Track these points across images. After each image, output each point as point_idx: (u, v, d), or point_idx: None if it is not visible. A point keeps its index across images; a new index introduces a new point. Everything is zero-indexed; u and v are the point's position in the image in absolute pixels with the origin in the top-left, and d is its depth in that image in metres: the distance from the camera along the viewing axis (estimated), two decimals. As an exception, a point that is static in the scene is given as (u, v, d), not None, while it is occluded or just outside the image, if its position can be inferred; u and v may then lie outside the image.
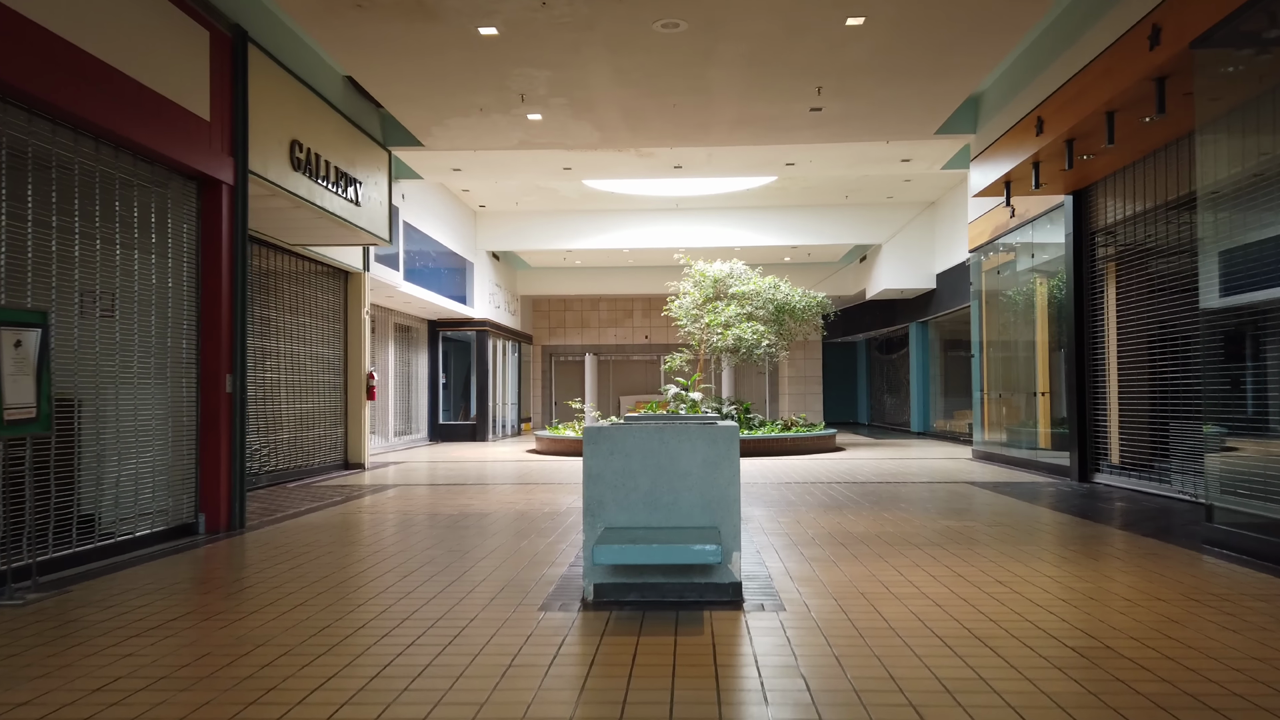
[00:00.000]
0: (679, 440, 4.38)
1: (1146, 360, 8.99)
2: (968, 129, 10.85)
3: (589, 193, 18.49)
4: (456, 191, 18.39)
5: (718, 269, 17.22)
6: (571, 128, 10.15)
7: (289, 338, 11.10)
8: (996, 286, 13.54)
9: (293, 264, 11.11)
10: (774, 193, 18.53)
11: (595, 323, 28.93)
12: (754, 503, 8.36)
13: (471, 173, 13.82)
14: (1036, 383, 12.48)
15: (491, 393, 21.29)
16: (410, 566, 5.40)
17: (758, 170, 13.83)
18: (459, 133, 10.35)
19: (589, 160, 13.07)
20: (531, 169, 13.55)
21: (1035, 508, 7.91)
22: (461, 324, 20.40)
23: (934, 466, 12.46)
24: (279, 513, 7.99)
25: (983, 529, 6.63)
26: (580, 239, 20.43)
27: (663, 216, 20.27)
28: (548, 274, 24.49)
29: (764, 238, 20.21)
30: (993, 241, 13.06)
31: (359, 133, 10.00)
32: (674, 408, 16.29)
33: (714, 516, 4.35)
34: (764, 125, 10.28)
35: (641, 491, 4.38)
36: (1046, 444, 11.97)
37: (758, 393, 28.74)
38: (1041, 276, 11.90)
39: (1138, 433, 9.24)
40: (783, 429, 16.06)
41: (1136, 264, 9.18)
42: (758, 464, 12.92)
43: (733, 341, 16.43)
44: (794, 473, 11.51)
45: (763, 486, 9.86)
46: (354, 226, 9.67)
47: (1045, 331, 12.04)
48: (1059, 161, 8.84)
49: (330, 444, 12.33)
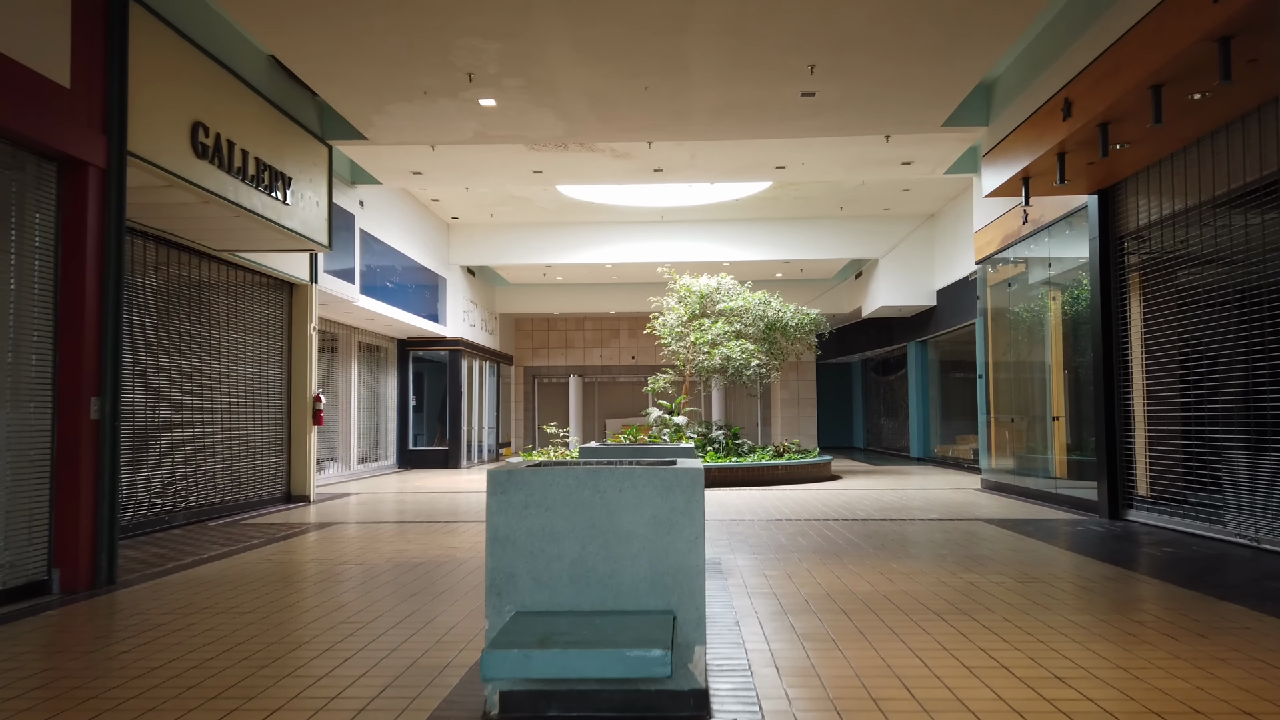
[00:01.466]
0: (620, 488, 3.16)
1: (1192, 380, 7.80)
2: (978, 120, 9.73)
3: (567, 203, 17.35)
4: (426, 202, 17.22)
5: (704, 284, 16.05)
6: (531, 116, 8.98)
7: (218, 356, 9.86)
8: (1005, 301, 12.37)
9: (224, 273, 9.89)
10: (764, 204, 17.41)
11: (580, 343, 27.76)
12: (739, 547, 7.11)
13: (434, 177, 12.65)
14: (1050, 406, 11.30)
15: (466, 416, 20.02)
16: (284, 647, 4.14)
17: (745, 174, 12.69)
18: (404, 122, 9.17)
19: (560, 162, 11.91)
20: (499, 172, 12.39)
21: (1070, 555, 6.68)
22: (433, 343, 19.17)
23: (940, 499, 11.23)
24: (172, 562, 6.71)
25: (1016, 587, 5.39)
26: (560, 254, 19.26)
27: (647, 230, 19.12)
28: (528, 291, 23.30)
29: (754, 252, 19.06)
30: (1002, 251, 11.91)
31: (289, 122, 8.82)
32: (656, 433, 15.06)
33: (668, 596, 3.12)
34: (750, 114, 9.13)
35: (568, 561, 3.15)
36: (1062, 473, 10.77)
37: (749, 416, 27.50)
38: (1055, 289, 10.75)
39: (1179, 464, 8.03)
40: (774, 456, 14.83)
41: (1176, 270, 8.02)
42: (746, 496, 11.67)
43: (720, 361, 15.23)
44: (786, 506, 10.27)
45: (750, 525, 8.61)
46: (283, 229, 8.47)
47: (1060, 350, 10.87)
48: (1088, 152, 7.69)
49: (269, 475, 11.05)
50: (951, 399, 20.40)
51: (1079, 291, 10.05)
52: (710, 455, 14.12)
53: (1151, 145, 7.51)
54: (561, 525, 3.14)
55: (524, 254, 19.32)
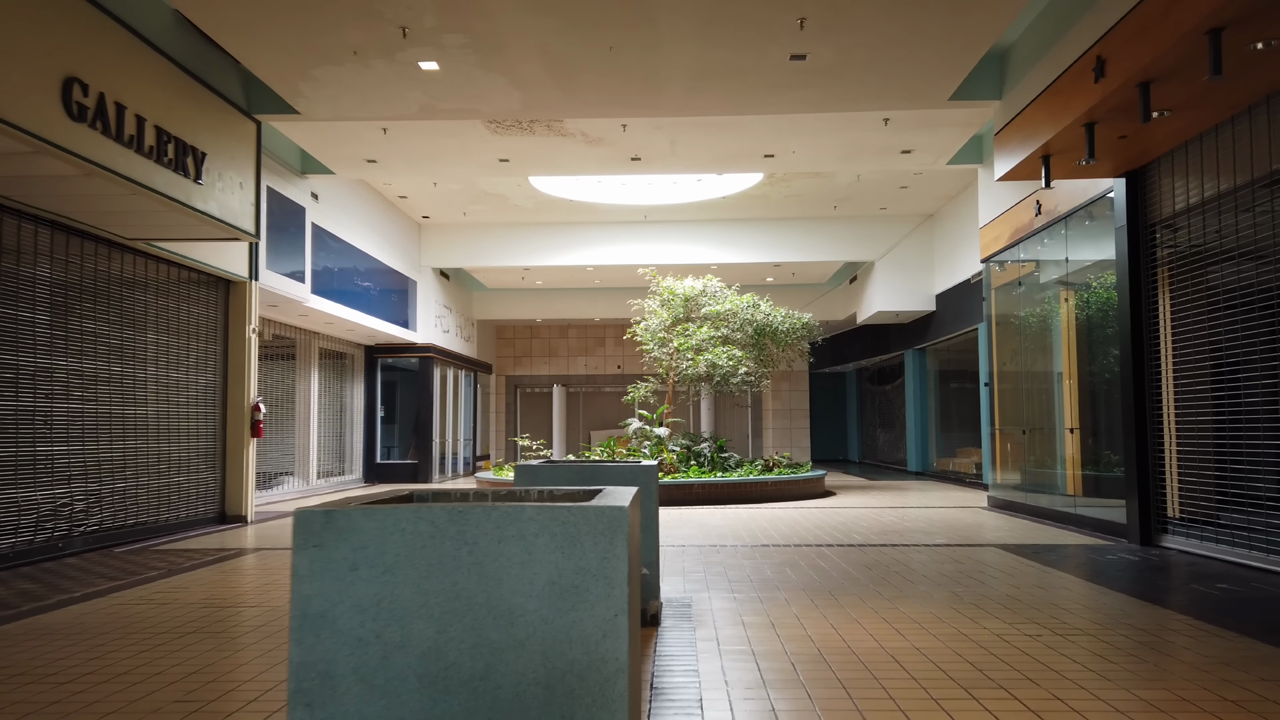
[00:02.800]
0: (500, 538, 2.06)
1: (1241, 387, 6.74)
2: (990, 93, 8.68)
3: (544, 201, 16.28)
4: (392, 199, 16.14)
5: (688, 286, 14.98)
6: (482, 84, 7.90)
7: (135, 359, 8.74)
8: (1014, 303, 11.32)
9: (144, 267, 8.78)
10: (754, 203, 16.37)
11: (564, 351, 26.69)
12: (716, 582, 6.00)
13: (391, 166, 11.57)
14: (1063, 417, 10.25)
15: (438, 427, 18.89)
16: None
17: (731, 163, 11.63)
18: (337, 92, 8.09)
19: (528, 148, 10.84)
20: (462, 160, 11.31)
21: (1110, 595, 5.58)
22: (403, 350, 18.05)
23: (944, 520, 10.14)
24: (33, 602, 5.57)
25: (1056, 643, 4.30)
26: (538, 256, 18.18)
27: (630, 231, 18.06)
28: (506, 296, 22.19)
29: (743, 254, 18.01)
30: (1011, 247, 10.86)
31: (204, 91, 7.73)
32: (636, 445, 13.96)
33: (572, 709, 2.01)
34: (731, 82, 8.07)
35: (417, 651, 2.05)
36: (1076, 490, 9.72)
37: (739, 428, 26.39)
38: (1070, 289, 9.70)
39: (1224, 483, 6.96)
40: (763, 470, 13.74)
41: (1217, 262, 6.97)
42: (731, 516, 10.57)
43: (705, 368, 14.15)
44: (774, 529, 9.16)
45: (732, 553, 7.50)
46: (195, 213, 7.36)
47: (1075, 354, 9.82)
48: (1123, 121, 6.64)
49: (199, 493, 9.91)
50: (951, 410, 19.33)
51: (1101, 289, 9.00)
52: (694, 470, 13.02)
53: (1196, 114, 6.47)
54: (408, 596, 2.04)
55: (500, 256, 18.23)
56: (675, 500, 12.15)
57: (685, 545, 8.01)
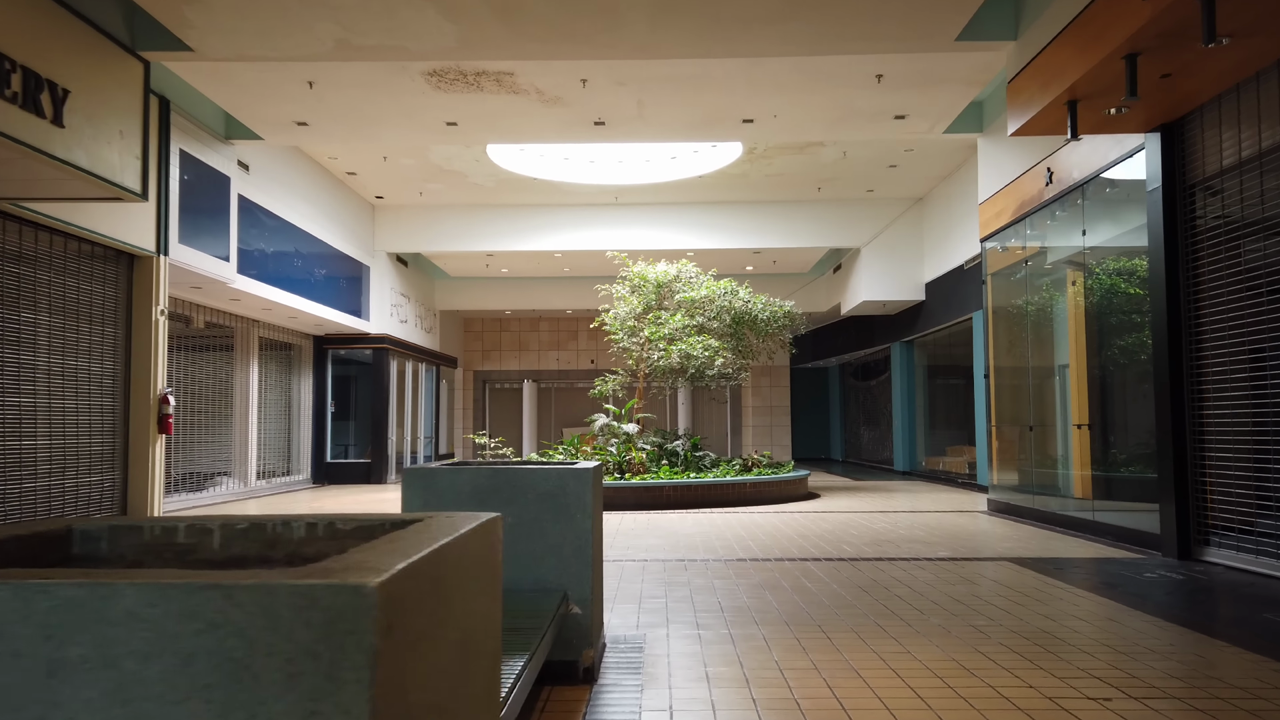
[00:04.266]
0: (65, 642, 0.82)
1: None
2: (1003, 32, 7.54)
3: (507, 180, 15.06)
4: (340, 175, 14.86)
5: (661, 271, 13.80)
6: (405, 14, 6.66)
7: (15, 345, 7.46)
8: (1017, 287, 10.23)
9: (26, 236, 7.49)
10: (732, 183, 15.22)
11: (535, 345, 25.48)
12: (679, 610, 4.83)
13: (325, 129, 10.31)
14: (1070, 412, 9.19)
15: (394, 424, 17.61)
16: None
17: (706, 130, 10.45)
18: (234, 22, 6.83)
19: (477, 108, 9.62)
20: (402, 121, 10.07)
21: (1179, 632, 4.45)
22: (355, 341, 16.75)
23: (943, 526, 9.02)
24: None
25: (1141, 713, 3.15)
26: (501, 240, 16.94)
27: (600, 214, 16.86)
28: (471, 286, 20.92)
29: (721, 240, 16.85)
30: (1017, 222, 9.76)
31: (69, 16, 6.45)
32: (602, 444, 12.77)
33: None
34: (700, 17, 6.89)
35: None
36: (1087, 493, 8.66)
37: (718, 425, 25.26)
38: (1081, 270, 8.62)
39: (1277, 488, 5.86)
40: (741, 470, 12.58)
41: (1273, 231, 5.87)
42: (705, 522, 9.40)
43: (679, 360, 12.97)
44: (752, 537, 7.99)
45: (702, 569, 6.33)
46: (52, 160, 6.09)
47: (1082, 342, 8.76)
48: (1173, 51, 5.52)
49: (96, 496, 8.62)
50: (941, 406, 18.28)
51: (1123, 266, 7.91)
52: (664, 470, 11.84)
53: (1262, 42, 5.35)
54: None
55: (460, 240, 16.98)
56: (644, 504, 10.97)
57: (648, 559, 6.83)
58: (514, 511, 3.48)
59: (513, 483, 3.51)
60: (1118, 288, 8.12)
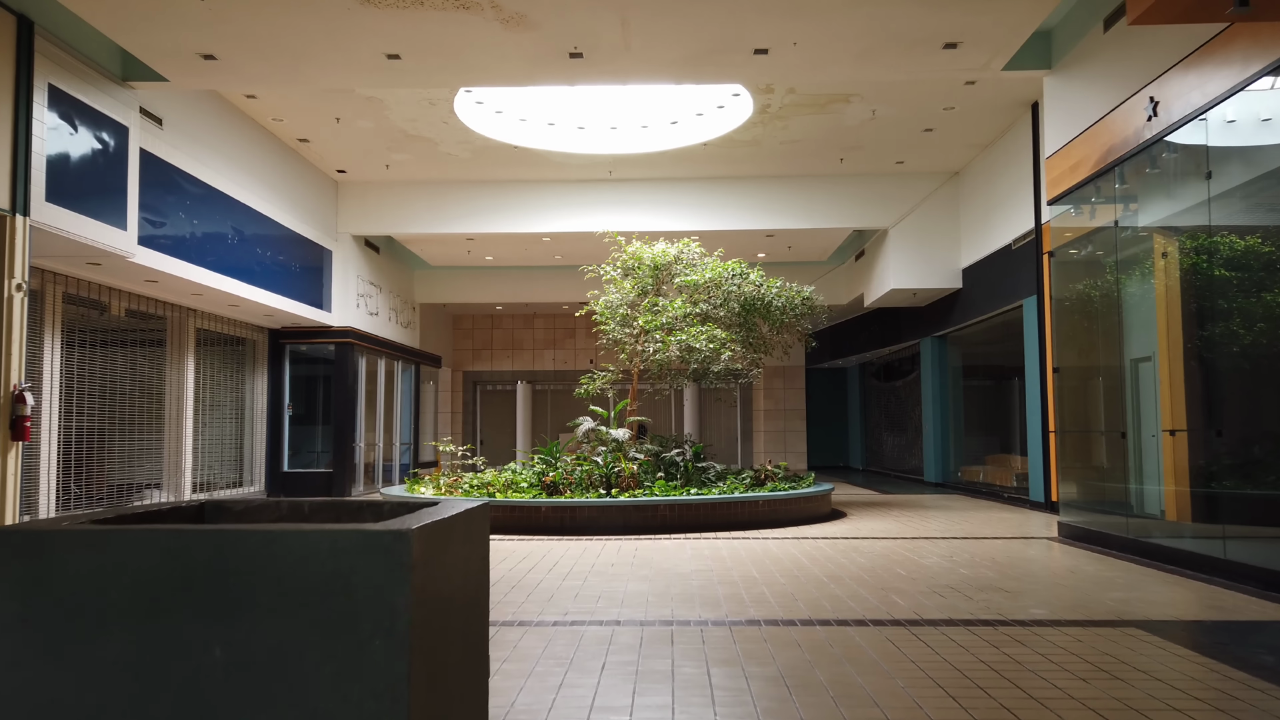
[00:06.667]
0: None
1: None
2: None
3: (485, 149, 13.11)
4: (291, 143, 12.94)
5: (659, 251, 11.81)
6: None
7: None
8: (1093, 259, 8.23)
9: None
10: (742, 153, 13.22)
11: (529, 343, 23.59)
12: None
13: (238, 65, 8.37)
14: (1155, 416, 7.24)
15: (362, 429, 15.66)
16: None
17: (709, 66, 8.45)
18: None
19: (421, 35, 7.67)
20: (334, 55, 8.13)
21: None
22: (315, 334, 14.82)
23: (1013, 562, 6.98)
24: None
25: None
26: (481, 220, 15.00)
27: (593, 192, 14.90)
28: (453, 276, 18.97)
29: (729, 219, 14.86)
30: (1104, 174, 7.71)
31: None
32: (587, 452, 10.78)
33: None
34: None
35: None
36: (1180, 514, 6.71)
37: (727, 430, 23.26)
38: (1185, 233, 6.62)
39: None
40: (752, 483, 10.56)
41: None
42: (709, 553, 7.37)
43: (678, 353, 10.97)
44: (769, 582, 5.98)
45: (696, 647, 4.32)
46: None
47: (1174, 327, 6.79)
48: None
49: (-81, 523, 6.69)
50: (978, 408, 16.24)
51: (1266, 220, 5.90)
52: (660, 485, 9.83)
53: None
54: None
55: (434, 221, 15.04)
56: (633, 527, 8.98)
57: (621, 621, 4.83)
58: (231, 639, 1.49)
59: (229, 566, 1.51)
60: (1255, 251, 6.10)
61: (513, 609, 5.16)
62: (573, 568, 6.68)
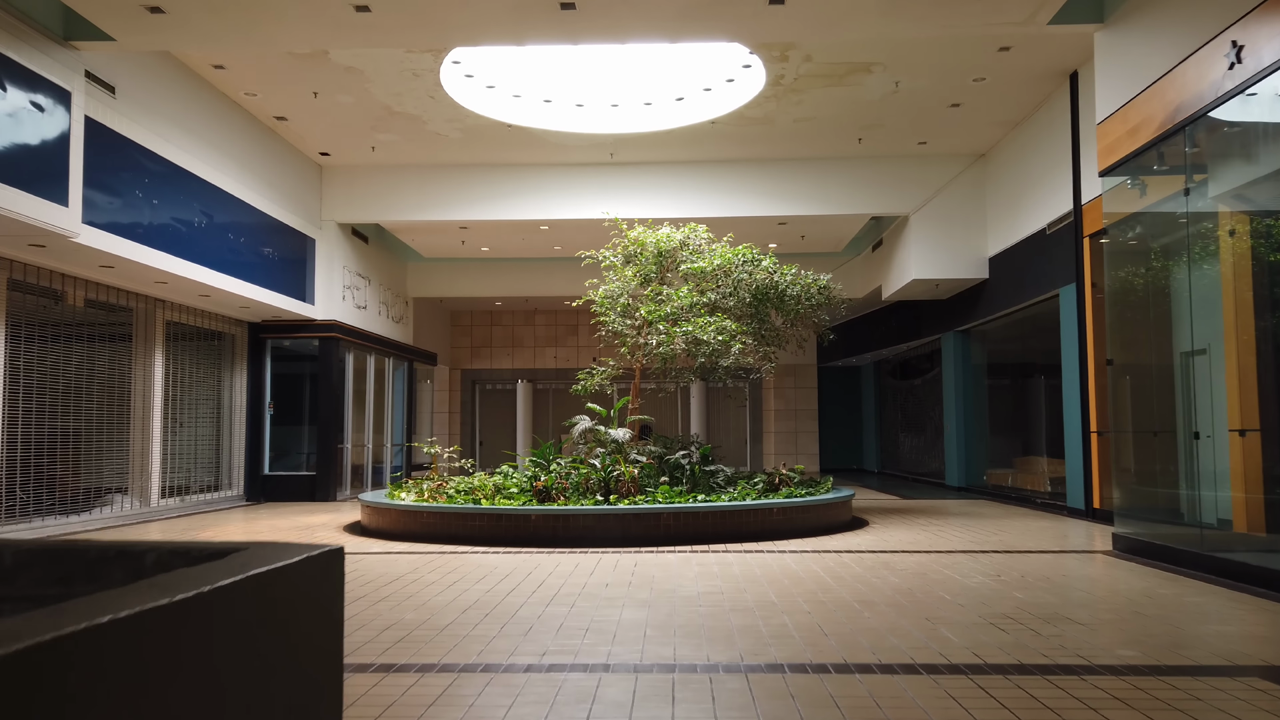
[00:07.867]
0: None
1: None
2: None
3: (476, 129, 12.19)
4: (269, 122, 12.03)
5: (663, 235, 10.87)
6: None
7: None
8: (1155, 237, 7.25)
9: None
10: (753, 131, 12.25)
11: (530, 341, 22.65)
12: None
13: (187, 17, 7.45)
14: (1223, 414, 6.29)
15: (350, 430, 14.76)
16: None
17: (717, 19, 7.48)
18: None
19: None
20: (296, 7, 7.20)
21: None
22: (297, 328, 13.92)
23: (1071, 583, 6.00)
24: None
25: None
26: (473, 207, 14.07)
27: (593, 176, 13.96)
28: (449, 268, 18.06)
29: (739, 205, 13.91)
30: (1172, 135, 6.73)
31: None
32: (583, 454, 9.84)
33: None
34: None
35: None
36: (1251, 524, 5.75)
37: (736, 430, 22.28)
38: (1256, 207, 5.65)
39: None
40: (765, 489, 9.60)
41: None
42: (716, 570, 6.41)
43: (683, 346, 10.02)
44: (790, 610, 5.02)
45: (704, 706, 3.37)
46: None
47: (1245, 314, 5.84)
48: None
49: None
50: (1006, 408, 15.24)
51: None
52: (664, 490, 8.87)
53: None
54: None
55: (424, 207, 14.12)
56: (633, 538, 8.02)
57: (611, 665, 3.88)
58: None
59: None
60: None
61: (478, 647, 4.22)
62: (560, 589, 5.74)
